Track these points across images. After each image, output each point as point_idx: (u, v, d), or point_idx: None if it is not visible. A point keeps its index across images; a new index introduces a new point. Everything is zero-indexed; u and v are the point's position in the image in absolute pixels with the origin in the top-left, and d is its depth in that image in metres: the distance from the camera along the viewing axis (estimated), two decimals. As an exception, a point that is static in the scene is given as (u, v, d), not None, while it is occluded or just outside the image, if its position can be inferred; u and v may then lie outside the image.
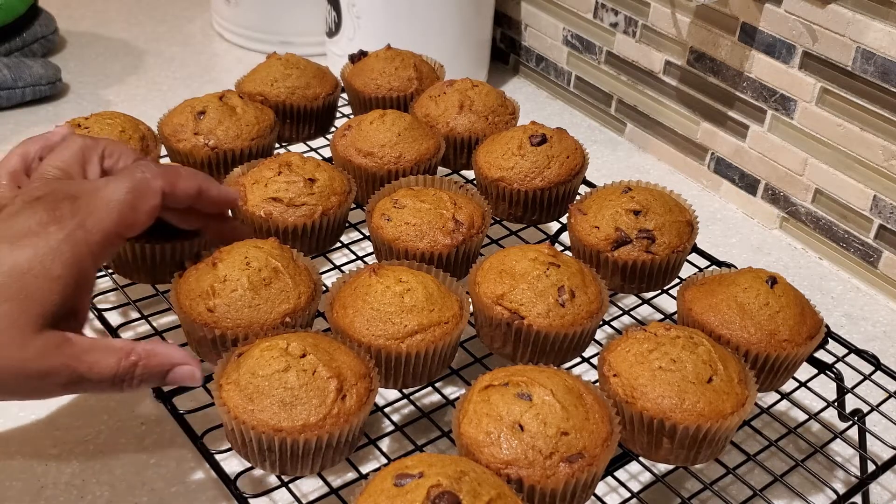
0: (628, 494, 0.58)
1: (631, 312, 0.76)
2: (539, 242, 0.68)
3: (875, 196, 0.87)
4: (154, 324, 0.69)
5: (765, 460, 0.63)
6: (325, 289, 0.68)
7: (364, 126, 0.79)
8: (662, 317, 0.74)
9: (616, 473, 0.60)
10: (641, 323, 0.72)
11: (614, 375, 0.58)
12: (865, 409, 0.66)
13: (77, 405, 0.70)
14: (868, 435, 0.65)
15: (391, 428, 0.62)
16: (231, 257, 0.61)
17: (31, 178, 0.58)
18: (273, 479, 0.57)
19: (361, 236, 0.82)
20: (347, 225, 0.77)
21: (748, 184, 0.99)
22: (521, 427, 0.51)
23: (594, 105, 1.16)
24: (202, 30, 1.34)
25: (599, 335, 0.77)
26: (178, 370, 0.55)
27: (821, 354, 0.69)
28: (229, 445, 0.56)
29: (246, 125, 0.80)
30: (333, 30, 1.13)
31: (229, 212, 0.68)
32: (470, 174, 0.91)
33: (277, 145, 0.88)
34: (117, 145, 0.61)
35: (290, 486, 0.57)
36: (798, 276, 0.91)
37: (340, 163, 0.79)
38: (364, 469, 0.58)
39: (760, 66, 0.93)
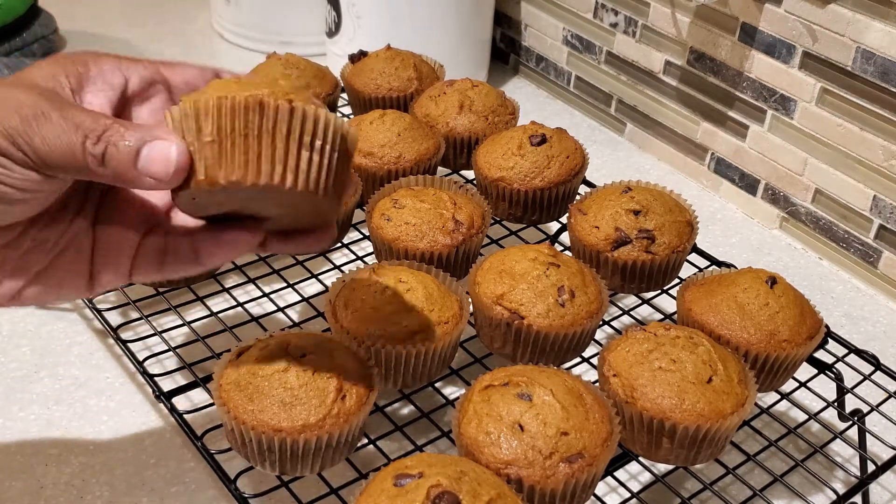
0: (628, 494, 0.58)
1: (631, 312, 0.76)
2: (539, 242, 0.68)
3: (875, 196, 0.86)
4: (154, 324, 0.69)
5: (765, 460, 0.63)
6: (324, 289, 0.68)
7: (364, 126, 0.79)
8: (662, 317, 0.74)
9: (616, 473, 0.60)
10: (641, 323, 0.72)
11: (614, 375, 0.58)
12: (865, 409, 0.66)
13: (77, 405, 0.70)
14: (868, 435, 0.65)
15: (391, 428, 0.62)
16: None
17: None
18: (273, 479, 0.57)
19: (361, 236, 0.82)
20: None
21: (748, 184, 0.99)
22: (521, 427, 0.51)
23: (594, 105, 1.16)
24: (202, 30, 1.34)
25: (599, 335, 0.77)
26: (154, 146, 0.41)
27: (821, 354, 0.69)
28: (229, 445, 0.56)
29: (246, 125, 0.79)
30: (333, 30, 1.13)
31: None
32: (470, 174, 0.91)
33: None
34: None
35: (290, 486, 0.57)
36: (798, 276, 0.91)
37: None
38: (364, 469, 0.58)
39: (760, 66, 0.93)
